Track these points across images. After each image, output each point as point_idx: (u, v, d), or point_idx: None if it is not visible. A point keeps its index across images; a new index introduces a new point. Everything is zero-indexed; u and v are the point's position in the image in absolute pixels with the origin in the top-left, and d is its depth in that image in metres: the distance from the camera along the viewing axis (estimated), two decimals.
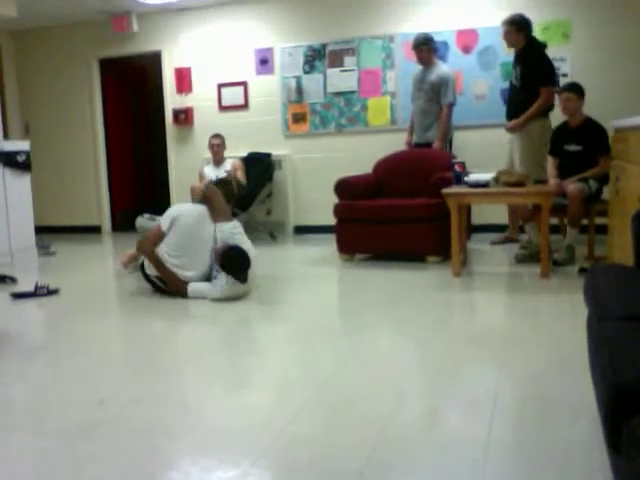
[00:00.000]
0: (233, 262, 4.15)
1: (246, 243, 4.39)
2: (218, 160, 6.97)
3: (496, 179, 4.60)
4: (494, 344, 3.06)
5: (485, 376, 2.65)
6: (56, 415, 2.42)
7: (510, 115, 5.38)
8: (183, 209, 4.54)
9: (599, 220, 4.91)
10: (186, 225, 4.35)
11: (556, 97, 5.16)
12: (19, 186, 6.29)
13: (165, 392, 2.63)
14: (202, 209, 4.50)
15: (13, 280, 5.04)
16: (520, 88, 5.25)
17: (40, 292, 4.51)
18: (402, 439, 2.09)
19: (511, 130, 5.31)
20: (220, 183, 5.40)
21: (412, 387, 2.57)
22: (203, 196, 4.67)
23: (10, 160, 6.18)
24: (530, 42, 5.29)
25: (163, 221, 4.40)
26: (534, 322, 3.45)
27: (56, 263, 6.23)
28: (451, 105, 5.95)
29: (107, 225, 8.30)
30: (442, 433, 2.13)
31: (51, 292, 4.54)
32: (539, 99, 5.16)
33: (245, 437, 2.17)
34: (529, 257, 4.95)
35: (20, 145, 6.49)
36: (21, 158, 6.33)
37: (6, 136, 7.34)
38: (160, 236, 4.32)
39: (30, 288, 4.55)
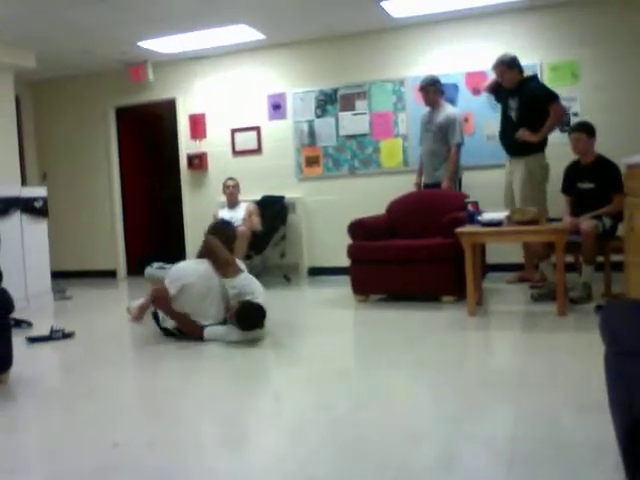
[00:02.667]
0: (249, 319, 4.11)
1: (258, 290, 4.35)
2: (233, 203, 7.03)
3: (509, 218, 4.60)
4: (511, 385, 3.02)
5: (502, 418, 2.61)
6: (70, 459, 2.40)
7: (509, 149, 5.45)
8: (187, 273, 4.36)
9: (615, 257, 4.88)
10: (194, 293, 4.27)
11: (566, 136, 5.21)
12: (36, 231, 6.37)
13: (179, 436, 2.61)
14: (205, 267, 4.39)
15: (29, 324, 5.07)
16: (518, 120, 5.31)
17: (55, 336, 4.52)
18: None
19: (518, 143, 5.31)
20: (216, 229, 4.91)
21: (428, 430, 2.53)
22: (205, 251, 4.56)
23: (27, 206, 6.28)
24: (526, 77, 5.46)
25: (170, 286, 4.27)
26: (551, 361, 3.40)
27: (72, 307, 6.26)
28: (459, 145, 6.00)
29: (122, 270, 8.36)
30: (459, 476, 2.09)
31: (66, 336, 4.55)
32: (551, 116, 5.22)
33: (251, 473, 2.14)
34: (545, 296, 4.91)
35: (37, 192, 6.59)
36: (38, 204, 6.43)
37: (24, 183, 7.47)
38: (170, 299, 4.27)
39: (46, 332, 4.57)
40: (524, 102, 5.33)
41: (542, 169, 5.40)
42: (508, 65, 5.40)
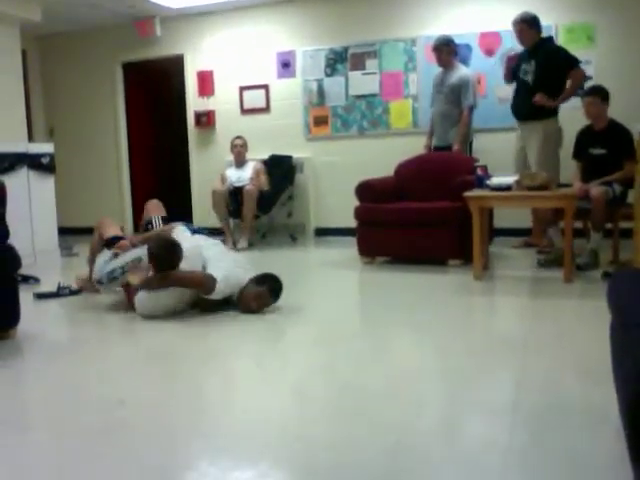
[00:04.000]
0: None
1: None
2: (240, 162, 6.99)
3: (519, 182, 4.55)
4: (515, 350, 3.03)
5: (505, 383, 2.62)
6: (75, 415, 2.43)
7: (523, 113, 5.35)
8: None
9: (624, 224, 4.84)
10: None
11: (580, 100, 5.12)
12: (43, 188, 6.36)
13: (184, 394, 2.63)
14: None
15: (36, 280, 5.10)
16: (535, 83, 5.21)
17: (62, 292, 4.55)
18: (421, 446, 2.07)
19: (536, 108, 5.22)
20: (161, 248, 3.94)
21: (431, 393, 2.55)
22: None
23: (34, 162, 6.26)
24: (542, 38, 5.31)
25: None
26: (556, 328, 3.40)
27: (78, 264, 6.27)
28: (471, 107, 5.91)
29: (129, 226, 8.36)
30: (461, 441, 2.11)
31: (73, 292, 4.58)
32: (572, 82, 5.14)
33: (263, 439, 2.16)
34: (552, 261, 4.89)
35: (44, 148, 6.57)
36: (45, 160, 6.41)
37: (31, 139, 7.44)
38: None
39: (53, 288, 4.60)
40: (542, 65, 5.21)
41: (557, 133, 5.33)
42: (529, 23, 5.28)
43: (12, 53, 6.84)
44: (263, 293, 3.85)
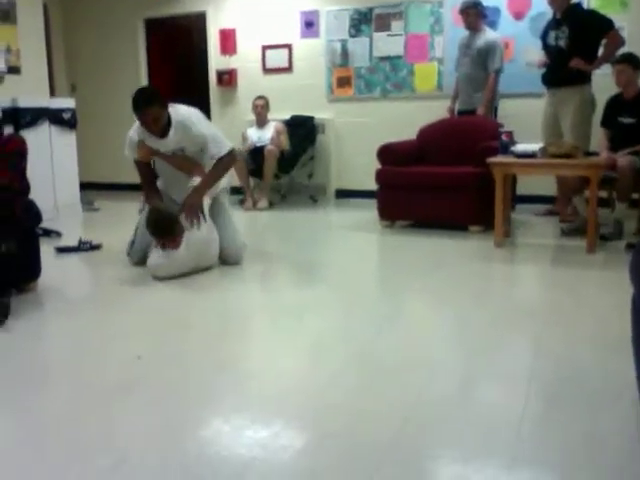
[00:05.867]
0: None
1: None
2: (262, 122, 6.94)
3: (544, 150, 4.47)
4: (534, 319, 3.00)
5: (523, 352, 2.61)
6: (93, 371, 2.47)
7: (558, 79, 5.20)
8: None
9: None
10: None
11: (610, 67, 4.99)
12: (65, 143, 6.38)
13: (201, 352, 2.65)
14: None
15: (58, 234, 5.15)
16: (569, 48, 5.06)
17: (83, 247, 4.60)
18: (435, 411, 2.07)
19: (572, 72, 5.05)
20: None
21: (448, 359, 2.55)
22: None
23: (56, 117, 6.26)
24: (572, 3, 5.17)
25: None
26: (577, 298, 3.36)
27: (99, 219, 6.33)
28: (498, 71, 5.79)
29: None
30: (476, 407, 2.11)
31: (94, 247, 4.62)
32: (609, 44, 5.01)
33: (278, 400, 2.17)
34: (575, 230, 4.83)
35: (66, 103, 6.57)
36: (67, 116, 6.41)
37: (52, 94, 7.43)
38: None
39: (74, 243, 4.64)
40: (576, 29, 5.05)
41: (591, 100, 5.20)
42: None
43: (34, 7, 6.80)
44: None
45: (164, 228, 3.71)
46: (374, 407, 2.10)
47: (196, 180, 3.97)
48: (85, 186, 7.22)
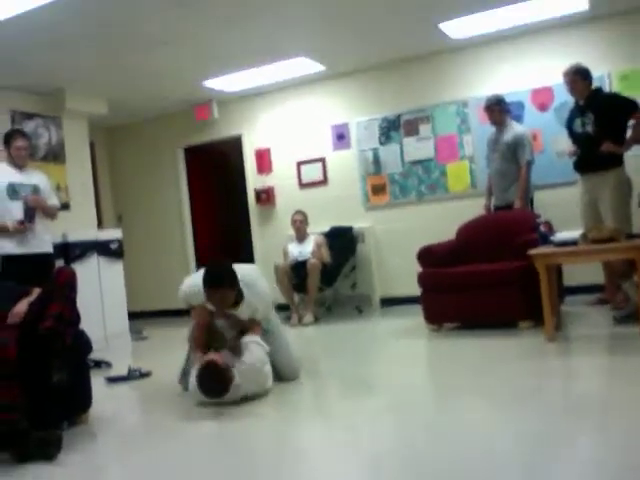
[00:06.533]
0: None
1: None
2: (301, 236, 7.06)
3: (585, 236, 4.42)
4: (595, 412, 2.87)
5: (587, 447, 2.48)
6: None
7: (590, 165, 5.21)
8: None
9: None
10: None
11: None
12: (112, 273, 6.57)
13: (255, 472, 2.59)
14: None
15: (108, 365, 5.21)
16: (597, 134, 5.10)
17: (133, 375, 4.62)
18: None
19: (604, 154, 5.05)
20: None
21: (510, 460, 2.43)
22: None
23: (104, 249, 6.50)
24: (594, 89, 5.25)
25: None
26: (638, 387, 3.21)
27: (148, 347, 6.40)
28: (529, 163, 5.84)
29: None
30: None
31: (144, 375, 4.64)
32: (637, 124, 5.03)
33: None
34: (628, 317, 4.68)
35: (113, 234, 6.83)
36: (114, 246, 6.64)
37: (100, 226, 7.75)
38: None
39: (124, 372, 4.67)
40: (601, 114, 5.12)
41: (627, 182, 5.19)
42: (583, 75, 5.22)
43: (81, 146, 7.24)
44: None
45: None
46: None
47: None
48: (133, 315, 7.35)
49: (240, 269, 3.89)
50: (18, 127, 6.20)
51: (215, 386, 3.49)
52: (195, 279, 3.93)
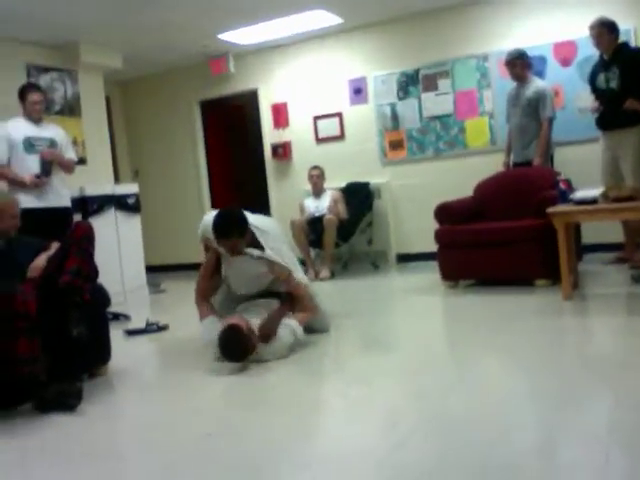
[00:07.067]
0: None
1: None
2: (318, 191, 7.04)
3: (605, 195, 4.36)
4: (611, 370, 2.87)
5: (601, 405, 2.49)
6: (165, 448, 2.48)
7: (614, 122, 5.11)
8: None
9: None
10: None
11: None
12: (130, 227, 6.62)
13: (270, 422, 2.63)
14: None
15: (127, 317, 5.28)
16: (622, 89, 4.98)
17: (151, 328, 4.69)
18: (514, 470, 1.98)
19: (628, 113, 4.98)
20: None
21: (523, 417, 2.45)
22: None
23: (121, 203, 6.53)
24: (620, 43, 5.14)
25: None
26: None
27: (166, 300, 6.47)
28: (551, 120, 5.73)
29: None
30: (555, 465, 2.01)
31: (161, 328, 4.71)
32: None
33: (353, 468, 2.12)
34: None
35: (130, 188, 6.85)
36: (131, 201, 6.67)
37: (117, 181, 7.77)
38: None
39: (142, 325, 4.74)
40: (627, 69, 4.99)
41: None
42: (609, 27, 5.08)
43: (97, 100, 7.20)
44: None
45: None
46: (449, 469, 2.02)
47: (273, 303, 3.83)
48: (151, 269, 7.43)
49: (259, 220, 3.90)
50: (32, 81, 6.16)
51: (236, 351, 3.46)
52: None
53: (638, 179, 4.87)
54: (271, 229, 3.97)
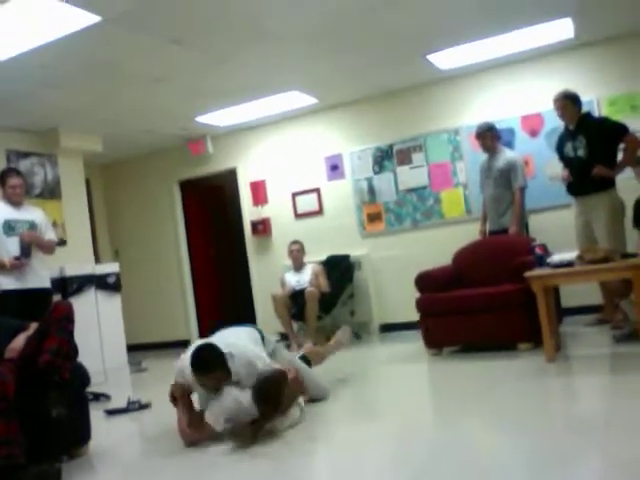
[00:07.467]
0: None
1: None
2: (298, 265, 7.08)
3: (580, 257, 4.45)
4: (597, 432, 2.85)
5: (590, 468, 2.46)
6: None
7: (583, 188, 5.27)
8: None
9: None
10: None
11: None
12: (110, 306, 6.59)
13: None
14: None
15: (107, 397, 5.18)
16: (589, 157, 5.16)
17: (132, 407, 4.61)
18: None
19: (595, 179, 5.12)
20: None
21: None
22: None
23: (101, 282, 6.51)
24: (584, 113, 5.34)
25: None
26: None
27: (147, 378, 6.35)
28: (523, 189, 5.89)
29: (195, 338, 8.45)
30: None
31: (143, 407, 4.62)
32: (628, 147, 5.10)
33: None
34: (628, 336, 4.69)
35: (110, 268, 6.85)
36: (111, 280, 6.66)
37: (97, 261, 7.76)
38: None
39: (123, 404, 4.64)
40: (592, 138, 5.18)
41: (620, 203, 5.24)
42: (573, 100, 5.29)
43: (77, 183, 7.29)
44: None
45: (208, 365, 3.46)
46: None
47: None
48: (132, 347, 7.34)
49: (222, 341, 3.71)
50: (12, 166, 6.24)
51: (272, 396, 3.40)
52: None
53: (612, 241, 4.98)
54: (235, 347, 3.65)
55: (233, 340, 3.77)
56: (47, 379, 3.24)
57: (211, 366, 3.48)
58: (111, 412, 4.58)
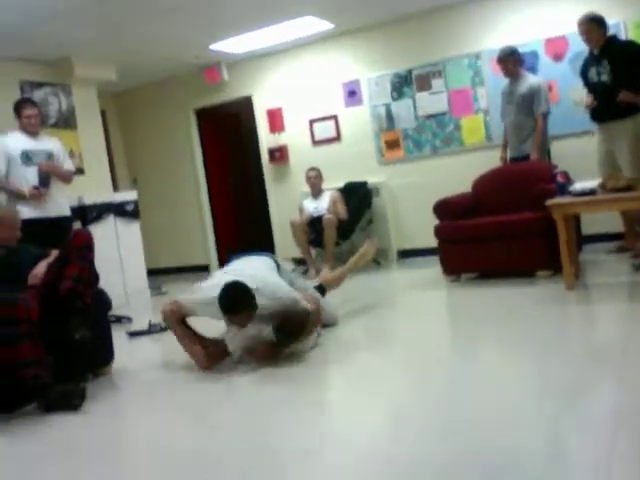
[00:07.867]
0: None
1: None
2: (316, 192, 7.06)
3: (603, 186, 4.38)
4: (615, 358, 2.87)
5: (606, 392, 2.48)
6: (169, 445, 2.49)
7: (607, 114, 5.13)
8: None
9: None
10: None
11: None
12: (129, 233, 6.67)
13: (277, 420, 2.63)
14: None
15: (129, 319, 5.34)
16: (614, 82, 5.01)
17: (153, 329, 4.74)
18: (521, 461, 1.98)
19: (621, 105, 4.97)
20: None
21: (530, 406, 2.45)
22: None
23: (120, 210, 6.57)
24: (609, 37, 5.15)
25: None
26: None
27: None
28: (545, 114, 5.75)
29: (214, 263, 8.55)
30: (562, 454, 2.01)
31: (164, 329, 4.70)
32: None
33: (356, 460, 2.12)
34: None
35: (128, 196, 6.89)
36: (130, 207, 6.71)
37: (116, 189, 7.80)
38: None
39: (144, 326, 4.76)
40: (617, 62, 5.01)
41: None
42: (598, 23, 5.10)
43: (92, 112, 7.23)
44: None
45: (240, 305, 3.49)
46: (459, 462, 2.02)
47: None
48: (152, 272, 7.45)
49: (248, 274, 3.74)
50: (26, 96, 6.19)
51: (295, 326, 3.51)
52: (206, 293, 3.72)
53: (635, 169, 4.88)
54: (259, 280, 3.69)
55: (252, 271, 3.80)
56: (69, 305, 3.32)
57: (242, 306, 3.49)
58: (133, 334, 4.71)
